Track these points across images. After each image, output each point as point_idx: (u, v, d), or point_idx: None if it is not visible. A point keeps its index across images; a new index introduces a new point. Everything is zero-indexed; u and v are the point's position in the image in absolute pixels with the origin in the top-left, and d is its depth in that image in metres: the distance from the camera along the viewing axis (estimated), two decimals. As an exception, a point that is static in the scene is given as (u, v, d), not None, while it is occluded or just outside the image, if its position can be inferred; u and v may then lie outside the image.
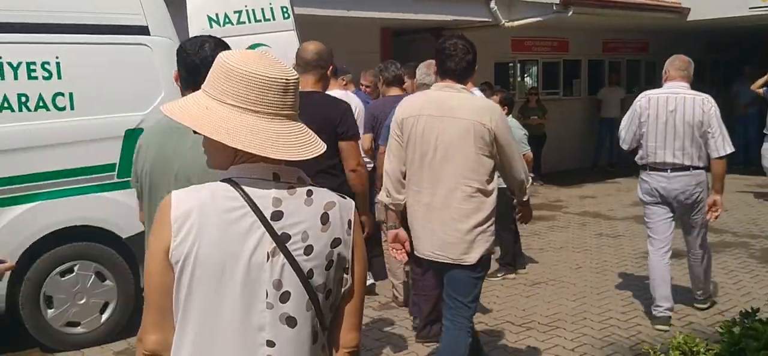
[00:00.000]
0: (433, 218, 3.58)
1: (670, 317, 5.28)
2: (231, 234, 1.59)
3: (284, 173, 1.66)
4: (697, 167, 5.11)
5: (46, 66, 4.76)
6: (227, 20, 5.58)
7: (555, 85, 14.21)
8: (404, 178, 3.71)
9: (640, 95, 5.33)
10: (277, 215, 1.62)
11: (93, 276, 4.97)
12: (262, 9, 5.69)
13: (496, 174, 3.64)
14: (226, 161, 1.67)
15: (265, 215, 1.61)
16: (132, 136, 4.97)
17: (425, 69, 5.04)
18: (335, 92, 6.46)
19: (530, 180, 3.83)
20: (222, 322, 1.60)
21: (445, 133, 3.51)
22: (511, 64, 13.77)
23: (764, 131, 9.63)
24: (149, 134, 2.74)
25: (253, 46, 5.62)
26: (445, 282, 3.66)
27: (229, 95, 1.60)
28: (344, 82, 6.78)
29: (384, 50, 11.34)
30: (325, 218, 1.67)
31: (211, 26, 5.54)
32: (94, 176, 4.93)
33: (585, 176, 13.32)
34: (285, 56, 5.69)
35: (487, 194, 3.55)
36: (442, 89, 3.63)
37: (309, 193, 1.67)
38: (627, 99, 13.76)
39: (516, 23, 10.99)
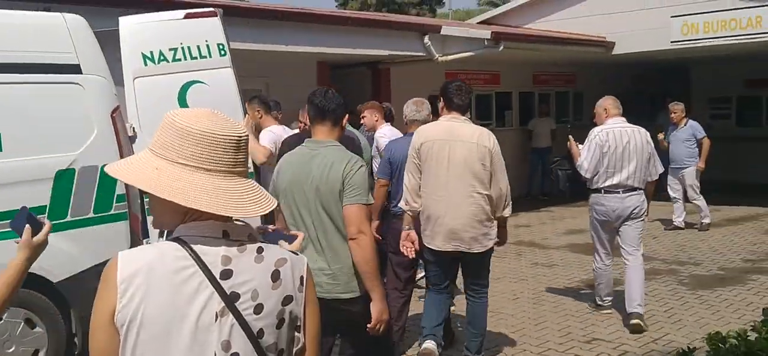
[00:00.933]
0: (449, 219, 4.65)
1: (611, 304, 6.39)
2: (179, 295, 1.55)
3: (234, 231, 1.62)
4: (642, 188, 6.05)
5: (-28, 106, 4.60)
6: (162, 57, 5.50)
7: (488, 116, 14.48)
8: (420, 190, 4.76)
9: (595, 131, 6.12)
10: (227, 274, 1.57)
11: (22, 323, 4.76)
12: (198, 46, 5.63)
13: None
14: (174, 220, 1.63)
15: (214, 274, 1.56)
16: (63, 177, 4.84)
17: (415, 107, 5.67)
18: (272, 127, 6.50)
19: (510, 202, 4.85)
20: None
21: (456, 153, 4.62)
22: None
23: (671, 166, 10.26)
24: (285, 160, 3.67)
25: (189, 84, 5.57)
26: (462, 268, 4.97)
27: (180, 153, 1.59)
28: (278, 117, 6.82)
29: (321, 84, 11.35)
30: (275, 276, 1.63)
31: (146, 64, 5.46)
32: (23, 219, 4.76)
33: (518, 205, 13.48)
34: (222, 93, 5.70)
35: (488, 199, 4.70)
36: (449, 119, 4.77)
37: (259, 250, 1.63)
38: (557, 130, 14.19)
39: (449, 57, 11.21)
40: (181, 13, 5.74)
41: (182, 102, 5.51)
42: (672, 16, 11.77)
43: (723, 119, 17.18)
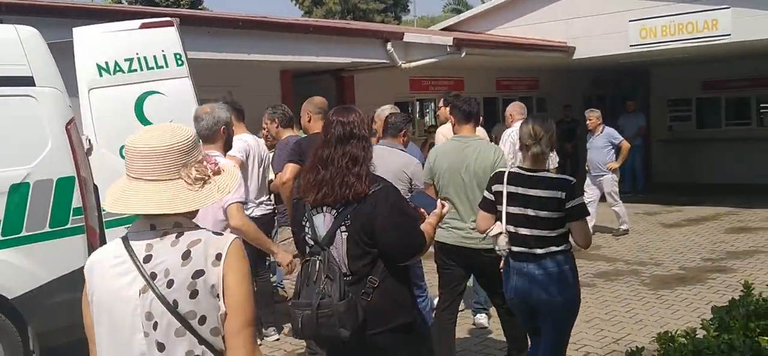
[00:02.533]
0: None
1: None
2: (114, 280, 1.96)
3: (160, 223, 1.98)
4: None
5: None
6: (118, 68, 5.44)
7: (452, 122, 14.57)
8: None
9: (508, 132, 7.15)
10: (148, 259, 1.94)
11: (-24, 342, 4.68)
12: (154, 56, 5.58)
13: None
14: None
15: (139, 260, 1.94)
16: (17, 191, 4.75)
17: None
18: (242, 135, 6.40)
19: None
20: (116, 351, 1.97)
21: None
22: (409, 104, 14.04)
23: (586, 168, 10.45)
24: (441, 150, 4.94)
25: (145, 94, 5.51)
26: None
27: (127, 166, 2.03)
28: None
29: (284, 92, 11.33)
30: (186, 255, 1.94)
31: (101, 75, 5.39)
32: (-25, 235, 4.66)
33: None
34: (180, 102, 5.65)
35: None
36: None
37: (177, 235, 1.97)
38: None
39: (412, 64, 11.23)
40: (137, 23, 5.69)
41: (139, 113, 5.46)
42: (630, 20, 11.95)
43: (683, 121, 17.53)
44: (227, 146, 4.32)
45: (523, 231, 3.90)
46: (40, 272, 4.81)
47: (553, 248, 3.86)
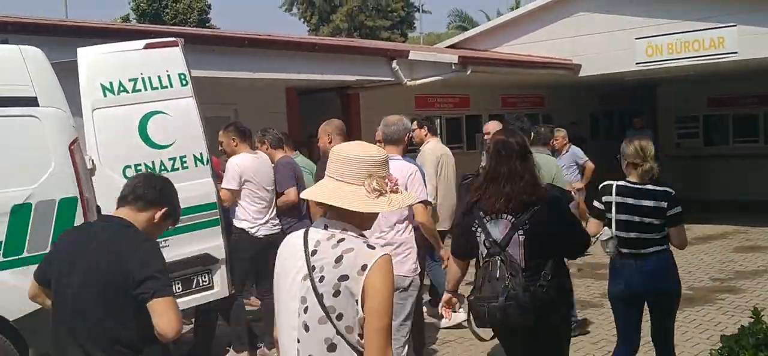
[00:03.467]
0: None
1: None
2: (291, 261, 2.41)
3: (332, 225, 2.40)
4: None
5: (-77, 141, 4.49)
6: (122, 88, 5.41)
7: (458, 139, 14.53)
8: None
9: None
10: (314, 253, 2.36)
11: (-23, 363, 4.65)
12: (159, 76, 5.55)
13: None
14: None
15: (308, 251, 2.37)
16: (19, 212, 4.73)
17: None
18: (241, 156, 6.38)
19: None
20: (286, 317, 2.42)
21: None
22: (415, 121, 14.00)
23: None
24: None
25: (149, 114, 5.49)
26: None
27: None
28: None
29: (290, 109, 11.33)
30: (339, 259, 2.30)
31: (105, 95, 5.37)
32: (-23, 256, 4.63)
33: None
34: (184, 122, 5.62)
35: None
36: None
37: (340, 240, 2.34)
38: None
39: (417, 82, 11.23)
40: (142, 43, 5.67)
41: (143, 133, 5.44)
42: (637, 38, 11.93)
43: (691, 138, 17.44)
44: (404, 150, 5.09)
45: (632, 235, 4.49)
46: (41, 293, 4.77)
47: (657, 248, 4.48)
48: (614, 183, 4.61)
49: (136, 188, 3.17)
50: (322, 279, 2.30)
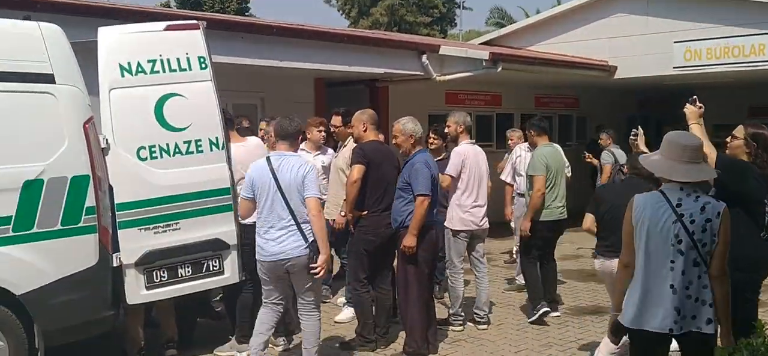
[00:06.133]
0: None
1: None
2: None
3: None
4: None
5: (-62, 114, 4.53)
6: (140, 69, 5.41)
7: (489, 137, 14.36)
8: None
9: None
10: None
11: (-18, 336, 4.68)
12: (178, 58, 5.52)
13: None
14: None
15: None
16: (31, 187, 4.76)
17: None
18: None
19: None
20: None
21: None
22: (445, 117, 13.89)
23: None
24: (545, 151, 7.01)
25: (166, 96, 5.47)
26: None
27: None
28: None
29: (318, 100, 11.30)
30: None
31: (123, 75, 5.36)
32: (-14, 229, 4.67)
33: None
34: (201, 106, 5.59)
35: None
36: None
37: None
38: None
39: (447, 77, 11.10)
40: (162, 24, 5.65)
41: (158, 114, 5.42)
42: (675, 42, 11.67)
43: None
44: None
45: None
46: (49, 269, 4.82)
47: None
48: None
49: None
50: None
